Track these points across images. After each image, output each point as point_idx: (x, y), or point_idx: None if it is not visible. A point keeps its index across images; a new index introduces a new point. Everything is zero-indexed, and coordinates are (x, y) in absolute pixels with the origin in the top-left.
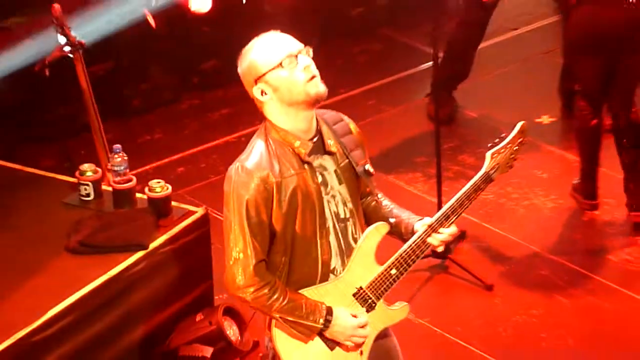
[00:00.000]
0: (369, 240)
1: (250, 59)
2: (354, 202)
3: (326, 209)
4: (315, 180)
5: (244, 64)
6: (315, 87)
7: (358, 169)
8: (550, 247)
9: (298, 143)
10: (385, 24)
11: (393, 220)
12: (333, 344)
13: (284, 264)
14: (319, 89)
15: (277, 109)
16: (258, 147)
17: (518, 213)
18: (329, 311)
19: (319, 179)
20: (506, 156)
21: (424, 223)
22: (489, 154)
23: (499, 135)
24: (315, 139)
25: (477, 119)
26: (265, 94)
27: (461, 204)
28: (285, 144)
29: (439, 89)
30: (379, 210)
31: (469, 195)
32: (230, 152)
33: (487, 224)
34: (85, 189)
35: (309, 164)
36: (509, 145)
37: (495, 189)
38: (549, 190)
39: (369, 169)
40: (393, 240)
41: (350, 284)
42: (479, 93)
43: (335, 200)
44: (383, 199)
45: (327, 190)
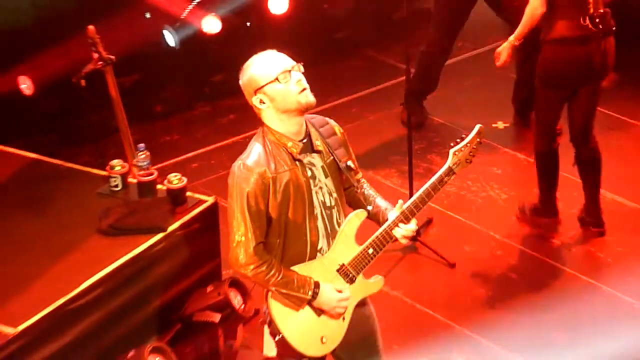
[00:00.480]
0: (350, 225)
1: (250, 73)
2: (338, 193)
3: (314, 198)
4: (305, 174)
5: (245, 77)
6: (305, 98)
7: (341, 164)
8: (504, 232)
9: (290, 144)
10: (367, 45)
11: (371, 208)
12: (319, 311)
13: (278, 245)
14: (309, 99)
15: (273, 115)
16: (257, 148)
17: (477, 203)
18: (317, 285)
19: (309, 173)
20: (466, 154)
21: (399, 207)
22: (451, 151)
23: (460, 136)
24: (304, 140)
25: (443, 124)
26: (263, 102)
27: (428, 193)
28: (279, 145)
29: (411, 99)
30: (359, 199)
31: (434, 186)
32: (236, 151)
33: (451, 212)
34: (115, 181)
35: (299, 161)
36: (468, 144)
37: (458, 183)
38: (503, 185)
39: (351, 164)
40: (371, 225)
41: (334, 261)
42: (445, 103)
43: (322, 191)
44: (367, 189)
45: (316, 183)
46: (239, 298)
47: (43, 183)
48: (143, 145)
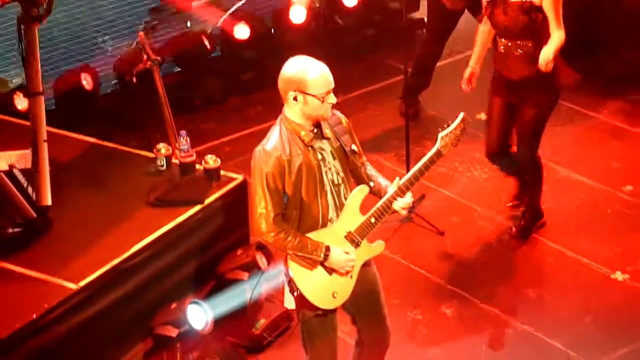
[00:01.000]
0: (355, 198)
1: (302, 76)
2: (344, 172)
3: (324, 178)
4: (316, 158)
5: (295, 74)
6: (327, 114)
7: (347, 149)
8: (485, 205)
9: (303, 133)
10: (371, 50)
11: (373, 184)
12: (331, 271)
13: (295, 216)
14: (329, 115)
15: (297, 112)
16: (275, 134)
17: (462, 181)
18: (327, 249)
19: (319, 157)
20: (452, 138)
21: (395, 183)
22: (440, 136)
23: (447, 123)
24: (315, 130)
25: (435, 115)
26: (296, 100)
27: (421, 171)
28: (294, 132)
29: (408, 95)
30: (362, 178)
31: (426, 165)
32: (262, 137)
33: (441, 188)
34: (160, 162)
35: (311, 147)
36: (454, 130)
37: (447, 164)
38: (484, 166)
39: (355, 148)
40: (373, 199)
41: (342, 229)
42: (437, 97)
43: (331, 172)
44: (370, 170)
45: (325, 164)
46: (263, 260)
47: (100, 163)
48: (184, 132)
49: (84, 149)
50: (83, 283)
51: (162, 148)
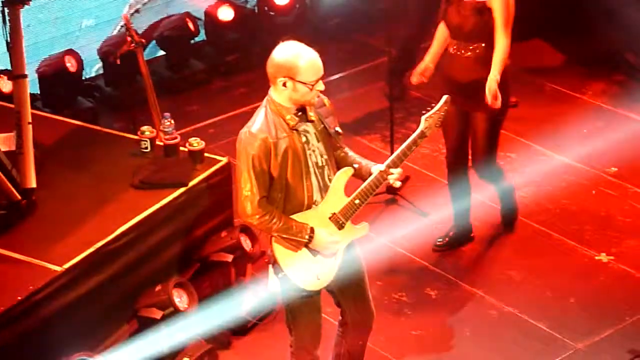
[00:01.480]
0: (339, 180)
1: (294, 63)
2: (328, 154)
3: (309, 160)
4: (300, 140)
5: (286, 60)
6: (314, 101)
7: (330, 131)
8: None
9: (289, 117)
10: (356, 31)
11: (357, 165)
12: (315, 252)
13: (280, 198)
14: (315, 101)
15: (285, 97)
16: (260, 117)
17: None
18: (312, 230)
19: (303, 139)
20: (435, 119)
21: (378, 167)
22: (423, 117)
23: (430, 105)
24: (300, 113)
25: (420, 97)
26: (285, 86)
27: (404, 152)
28: (279, 115)
29: (393, 76)
30: (346, 159)
31: (409, 146)
32: (246, 119)
33: (425, 170)
34: (145, 144)
35: (296, 130)
36: (437, 111)
37: (431, 146)
38: None
39: (339, 130)
40: (356, 181)
41: (327, 211)
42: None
43: (315, 154)
44: (349, 152)
45: (310, 147)
46: (248, 242)
47: (84, 146)
48: (168, 114)
49: (68, 132)
50: (67, 265)
51: (147, 130)
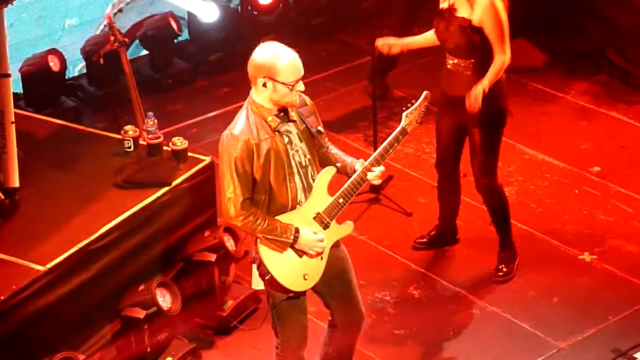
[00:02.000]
0: (323, 179)
1: (273, 63)
2: (311, 154)
3: (292, 160)
4: (283, 142)
5: (266, 60)
6: (295, 102)
7: (312, 130)
8: None
9: (270, 118)
10: (339, 30)
11: (339, 164)
12: (301, 253)
13: (264, 200)
14: (296, 102)
15: (265, 97)
16: (242, 118)
17: (430, 162)
18: (297, 230)
19: (286, 140)
20: (416, 116)
21: (362, 164)
22: (404, 114)
23: (410, 102)
24: (281, 114)
25: (402, 97)
26: (265, 86)
27: (386, 149)
28: (261, 116)
29: (376, 76)
30: (329, 158)
31: (391, 143)
32: (229, 119)
33: (408, 170)
34: (128, 143)
35: (278, 131)
36: (417, 108)
37: (414, 145)
38: None
39: (320, 129)
40: (340, 180)
41: (311, 211)
42: (404, 79)
43: (298, 154)
44: (333, 149)
45: (292, 147)
46: (231, 241)
47: (68, 145)
48: (152, 113)
49: (52, 131)
50: (50, 265)
51: (130, 130)
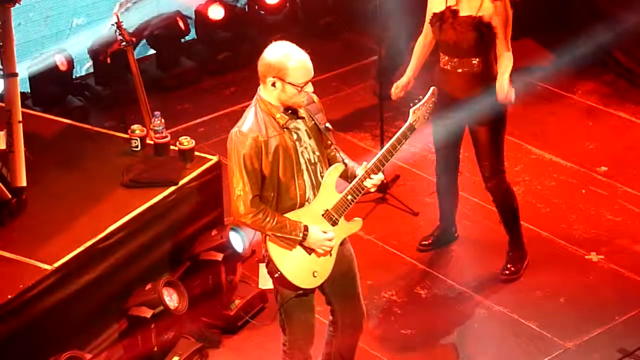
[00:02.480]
0: (331, 176)
1: (284, 64)
2: (320, 151)
3: (300, 157)
4: (291, 138)
5: (276, 60)
6: (303, 102)
7: (321, 127)
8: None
9: (279, 115)
10: (346, 30)
11: (347, 161)
12: (310, 250)
13: (273, 197)
14: (304, 103)
15: (274, 96)
16: (250, 116)
17: None
18: (306, 228)
19: (295, 137)
20: (424, 112)
21: (363, 168)
22: (411, 110)
23: (418, 98)
24: (289, 111)
25: (408, 96)
26: (274, 86)
27: (394, 146)
28: (269, 114)
29: (383, 75)
30: (336, 156)
31: (399, 140)
32: (236, 118)
33: (415, 169)
34: (135, 143)
35: (287, 128)
36: (425, 103)
37: (421, 145)
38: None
39: (329, 126)
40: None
41: (319, 208)
42: None
43: (307, 151)
44: (338, 152)
45: (301, 144)
46: None
47: (75, 144)
48: (159, 113)
49: (59, 130)
50: (58, 264)
51: (137, 129)
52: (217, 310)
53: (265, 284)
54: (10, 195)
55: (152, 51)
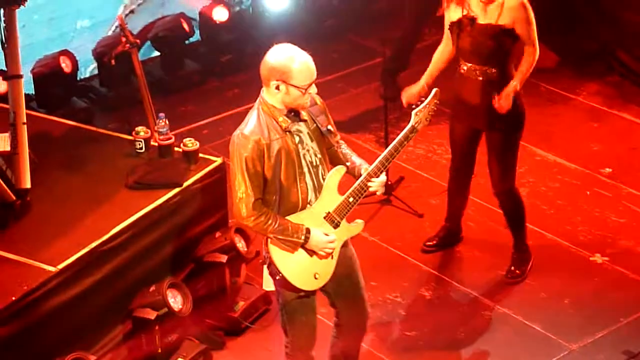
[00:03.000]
0: (333, 178)
1: (287, 67)
2: (322, 153)
3: (302, 160)
4: (293, 141)
5: (280, 63)
6: (307, 105)
7: (323, 129)
8: None
9: (281, 119)
10: (350, 32)
11: (349, 164)
12: (312, 252)
13: (275, 200)
14: (308, 105)
15: (277, 99)
16: (253, 119)
17: (441, 163)
18: (308, 230)
19: (297, 139)
20: (426, 113)
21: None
22: (414, 112)
23: (420, 100)
24: (292, 114)
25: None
26: (277, 89)
27: (396, 148)
28: (272, 117)
29: (387, 77)
30: (338, 156)
31: (401, 141)
32: (240, 120)
33: (419, 171)
34: (139, 144)
35: (289, 131)
36: (427, 105)
37: (425, 146)
38: None
39: (331, 128)
40: (350, 179)
41: (321, 210)
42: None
43: (309, 153)
44: (344, 149)
45: (303, 147)
46: (242, 242)
47: (79, 146)
48: (163, 114)
49: (63, 132)
50: (62, 266)
51: (141, 131)
52: (221, 312)
53: (269, 285)
54: (14, 197)
55: (157, 53)
